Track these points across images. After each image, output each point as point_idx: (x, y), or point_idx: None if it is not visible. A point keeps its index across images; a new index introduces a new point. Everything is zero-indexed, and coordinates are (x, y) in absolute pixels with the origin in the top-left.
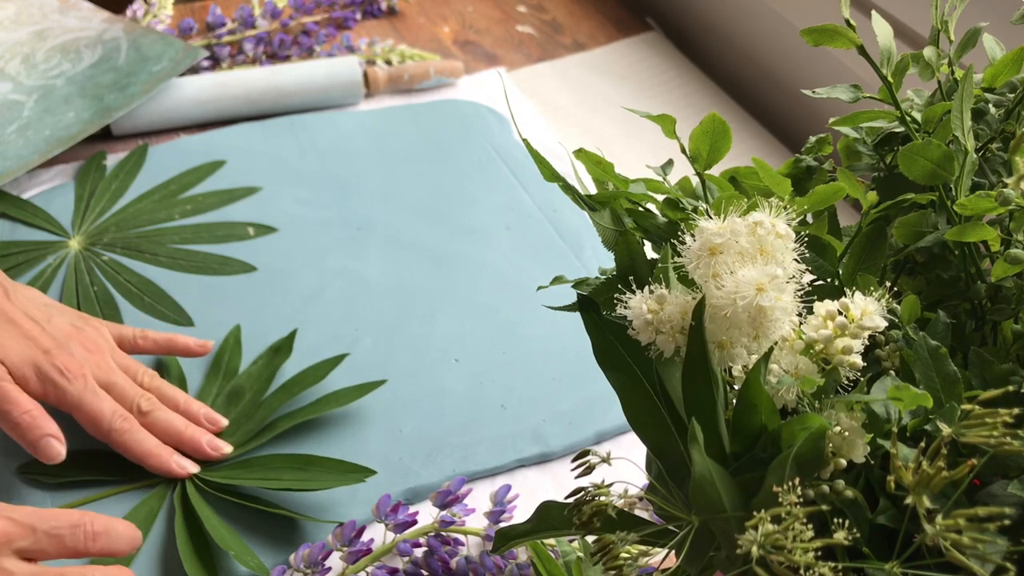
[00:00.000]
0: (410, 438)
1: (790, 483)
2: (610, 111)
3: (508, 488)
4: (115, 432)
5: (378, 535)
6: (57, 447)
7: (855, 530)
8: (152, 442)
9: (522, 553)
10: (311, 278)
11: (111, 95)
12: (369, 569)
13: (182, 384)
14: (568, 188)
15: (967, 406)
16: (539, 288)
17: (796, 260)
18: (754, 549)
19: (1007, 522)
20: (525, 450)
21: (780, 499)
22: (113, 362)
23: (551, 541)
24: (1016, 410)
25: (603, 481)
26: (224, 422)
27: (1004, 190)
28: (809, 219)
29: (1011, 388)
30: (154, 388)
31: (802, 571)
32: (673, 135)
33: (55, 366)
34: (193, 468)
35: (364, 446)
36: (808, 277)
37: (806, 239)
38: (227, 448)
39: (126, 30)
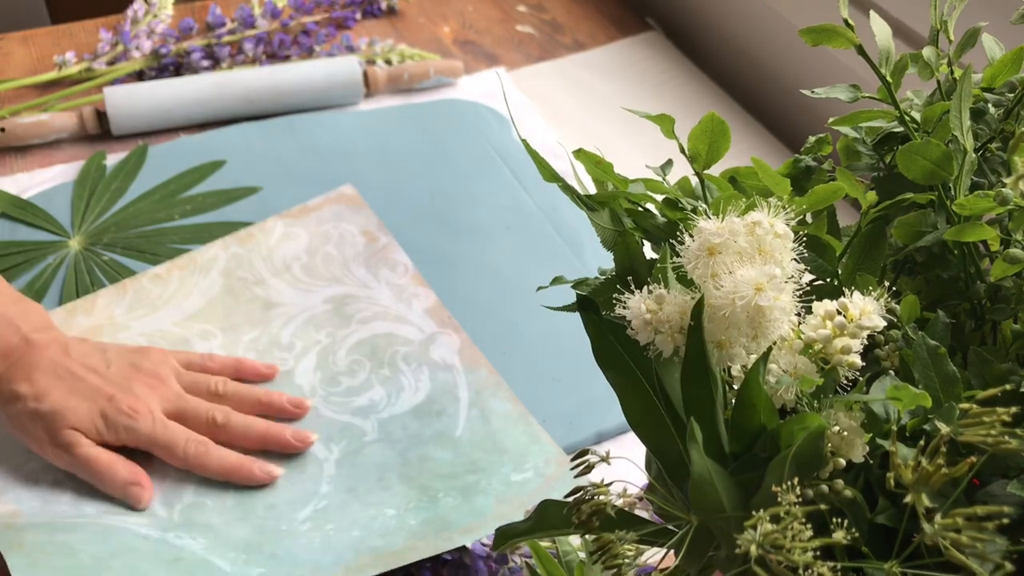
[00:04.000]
0: None
1: (789, 483)
2: (610, 111)
3: None
4: (192, 457)
5: None
6: (138, 492)
7: (854, 530)
8: (232, 458)
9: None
10: None
11: (449, 497)
12: None
13: None
14: (567, 188)
15: (965, 405)
16: (539, 288)
17: (795, 260)
18: (753, 549)
19: (1006, 521)
20: None
21: (779, 499)
22: (179, 387)
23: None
24: (1014, 409)
25: (603, 480)
26: (309, 403)
27: (1003, 190)
28: (808, 219)
29: (1008, 387)
30: (230, 394)
31: (801, 571)
32: (672, 135)
33: (121, 410)
34: (278, 471)
35: None
36: (807, 277)
37: (805, 239)
38: (313, 437)
39: (464, 358)
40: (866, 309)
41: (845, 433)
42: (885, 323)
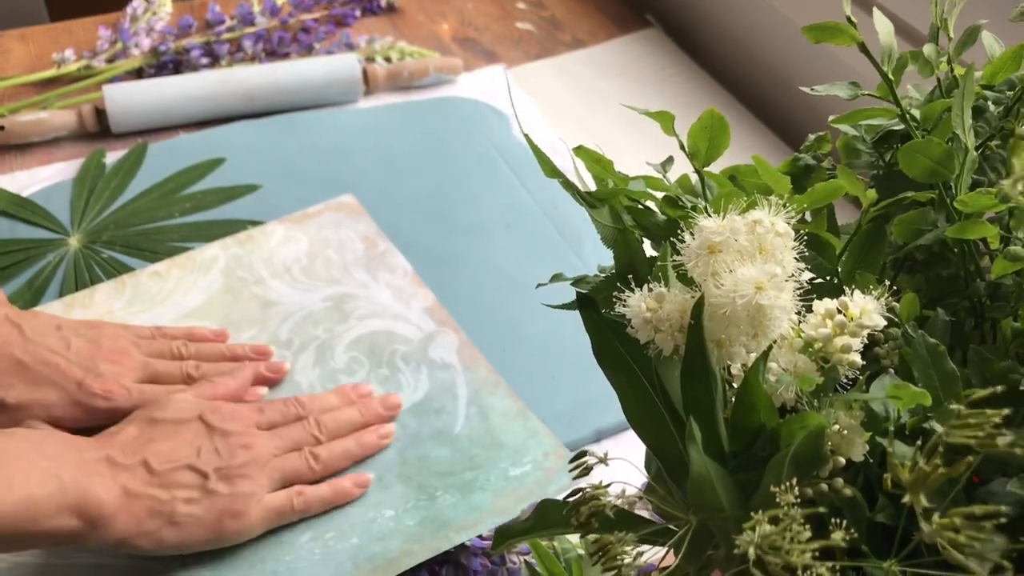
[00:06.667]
0: None
1: (788, 482)
2: (609, 108)
3: None
4: None
5: None
6: None
7: (853, 529)
8: (212, 386)
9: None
10: None
11: (447, 495)
12: None
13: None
14: (568, 185)
15: (956, 407)
16: (538, 286)
17: (795, 258)
18: (751, 551)
19: (1003, 520)
20: None
21: (778, 499)
22: (142, 356)
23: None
24: (1006, 411)
25: (601, 481)
26: (271, 349)
27: (1004, 184)
28: (808, 217)
29: (998, 389)
30: (193, 353)
31: (800, 571)
32: (672, 132)
33: (95, 394)
34: (263, 390)
35: None
36: (807, 275)
37: (805, 237)
38: (286, 365)
39: (462, 357)
40: (866, 308)
41: (845, 432)
42: (885, 322)
